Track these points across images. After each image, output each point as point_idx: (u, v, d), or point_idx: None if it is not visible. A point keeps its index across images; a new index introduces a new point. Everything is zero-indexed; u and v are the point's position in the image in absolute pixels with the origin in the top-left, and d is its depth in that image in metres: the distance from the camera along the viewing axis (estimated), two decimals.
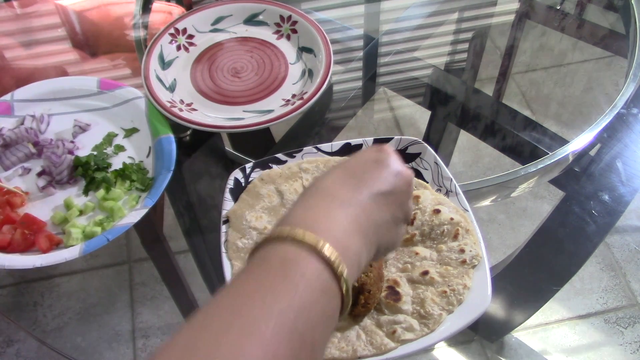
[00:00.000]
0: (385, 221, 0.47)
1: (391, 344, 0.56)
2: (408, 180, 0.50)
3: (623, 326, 1.27)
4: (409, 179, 0.51)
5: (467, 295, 0.59)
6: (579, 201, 0.85)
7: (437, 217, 0.64)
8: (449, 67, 1.25)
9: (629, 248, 1.40)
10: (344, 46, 1.08)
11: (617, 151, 0.89)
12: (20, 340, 1.32)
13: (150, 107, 0.84)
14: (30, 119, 0.84)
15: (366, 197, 0.46)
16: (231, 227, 0.66)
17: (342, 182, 0.48)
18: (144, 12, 1.05)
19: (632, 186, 0.85)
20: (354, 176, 0.48)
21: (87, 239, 0.71)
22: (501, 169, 0.84)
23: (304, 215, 0.44)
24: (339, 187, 0.47)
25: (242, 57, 0.93)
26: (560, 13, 1.25)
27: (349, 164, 0.50)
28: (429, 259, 0.62)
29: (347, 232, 0.43)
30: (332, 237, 0.41)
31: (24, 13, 1.16)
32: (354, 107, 1.05)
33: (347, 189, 0.47)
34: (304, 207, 0.45)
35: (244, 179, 0.70)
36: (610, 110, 0.87)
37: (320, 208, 0.45)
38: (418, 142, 0.71)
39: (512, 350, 1.07)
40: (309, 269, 0.39)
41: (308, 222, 0.42)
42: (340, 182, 0.48)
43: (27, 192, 0.78)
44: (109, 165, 0.80)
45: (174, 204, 0.93)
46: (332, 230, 0.42)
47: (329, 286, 0.39)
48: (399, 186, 0.49)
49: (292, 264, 0.39)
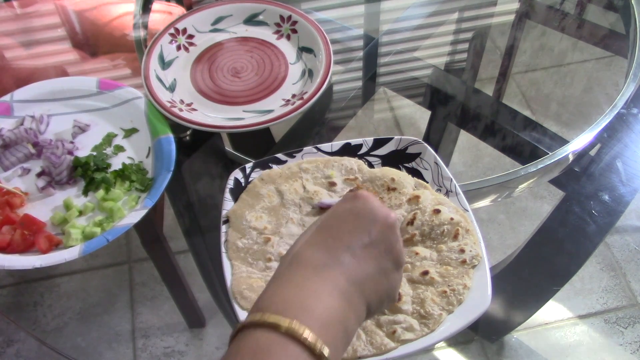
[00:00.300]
0: (371, 276, 0.44)
1: (391, 344, 0.56)
2: (390, 224, 0.47)
3: (623, 326, 1.27)
4: (391, 222, 0.47)
5: (467, 295, 0.59)
6: (579, 201, 0.85)
7: (437, 217, 0.64)
8: (449, 67, 1.25)
9: (629, 248, 1.40)
10: (344, 46, 1.08)
11: (617, 151, 0.89)
12: (20, 340, 1.32)
13: (149, 107, 0.84)
14: (29, 119, 0.84)
15: (344, 256, 0.44)
16: (231, 227, 0.66)
17: (317, 245, 0.45)
18: (144, 12, 1.05)
19: (632, 186, 0.85)
20: (330, 235, 0.45)
21: (87, 239, 0.71)
22: (501, 169, 0.84)
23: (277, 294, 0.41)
24: (314, 251, 0.44)
25: (242, 57, 0.93)
26: (560, 13, 1.25)
27: (324, 223, 0.47)
28: (429, 259, 0.62)
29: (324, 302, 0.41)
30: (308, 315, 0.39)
31: (24, 13, 1.16)
32: (354, 107, 1.05)
33: (323, 252, 0.44)
34: (278, 283, 0.43)
35: (244, 179, 0.70)
36: (610, 110, 0.87)
37: (294, 282, 0.42)
38: (418, 142, 0.71)
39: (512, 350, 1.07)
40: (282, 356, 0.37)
41: (281, 303, 0.40)
42: (315, 246, 0.45)
43: (26, 193, 0.78)
44: (109, 165, 0.80)
45: (174, 204, 0.93)
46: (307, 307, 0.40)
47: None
48: (380, 234, 0.46)
49: (265, 354, 0.37)
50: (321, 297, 0.41)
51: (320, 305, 0.40)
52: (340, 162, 0.71)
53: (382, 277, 0.46)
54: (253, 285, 0.61)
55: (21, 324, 1.32)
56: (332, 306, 0.41)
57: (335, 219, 0.47)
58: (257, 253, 0.64)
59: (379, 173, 0.69)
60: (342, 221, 0.46)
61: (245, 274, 0.62)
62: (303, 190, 0.68)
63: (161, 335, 1.25)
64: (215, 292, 0.93)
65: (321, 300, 0.41)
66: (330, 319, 0.40)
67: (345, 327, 0.42)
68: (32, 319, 1.31)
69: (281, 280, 0.43)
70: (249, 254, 0.64)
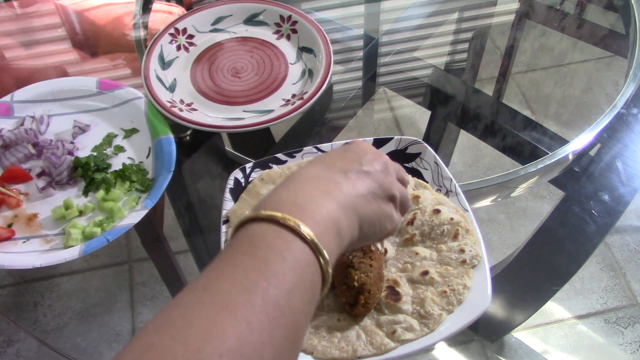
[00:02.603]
0: (362, 195, 0.47)
1: (391, 344, 0.56)
2: (381, 160, 0.51)
3: (623, 326, 1.27)
4: (385, 161, 0.51)
5: (467, 295, 0.59)
6: (579, 201, 0.85)
7: (437, 217, 0.64)
8: (449, 67, 1.25)
9: (629, 248, 1.40)
10: (344, 46, 1.08)
11: (617, 151, 0.89)
12: (20, 340, 1.32)
13: (149, 108, 0.84)
14: (30, 119, 0.84)
15: (338, 175, 0.47)
16: (231, 227, 0.66)
17: (312, 166, 0.48)
18: (144, 12, 1.05)
19: (632, 186, 0.85)
20: (324, 162, 0.49)
21: (87, 239, 0.71)
22: (501, 169, 0.84)
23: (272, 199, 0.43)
24: (309, 170, 0.47)
25: (242, 57, 0.93)
26: (560, 13, 1.25)
27: (319, 157, 0.51)
28: (429, 259, 0.62)
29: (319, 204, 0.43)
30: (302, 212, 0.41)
31: (24, 13, 1.16)
32: (354, 107, 1.05)
33: (316, 170, 0.47)
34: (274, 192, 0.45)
35: (244, 179, 0.70)
36: (610, 110, 0.87)
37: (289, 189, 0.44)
38: (418, 142, 0.71)
39: (512, 350, 1.07)
40: (277, 242, 0.38)
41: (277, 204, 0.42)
42: (309, 167, 0.48)
43: (26, 193, 0.78)
44: (109, 166, 0.80)
45: (174, 204, 0.93)
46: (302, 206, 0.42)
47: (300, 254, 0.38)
48: (372, 167, 0.49)
49: (258, 240, 0.38)
50: (317, 202, 0.43)
51: (315, 208, 0.42)
52: None
53: (373, 199, 0.48)
54: None
55: (21, 324, 1.32)
56: (327, 208, 0.43)
57: (331, 155, 0.51)
58: None
59: None
60: (337, 154, 0.50)
61: None
62: None
63: None
64: None
65: (316, 205, 0.42)
66: (325, 221, 0.42)
67: (339, 233, 0.43)
68: (32, 319, 1.31)
69: (277, 189, 0.45)
70: None
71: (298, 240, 0.39)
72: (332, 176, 0.47)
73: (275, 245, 0.38)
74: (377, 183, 0.49)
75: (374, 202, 0.48)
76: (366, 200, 0.47)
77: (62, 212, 0.74)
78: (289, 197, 0.43)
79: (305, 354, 0.56)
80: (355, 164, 0.49)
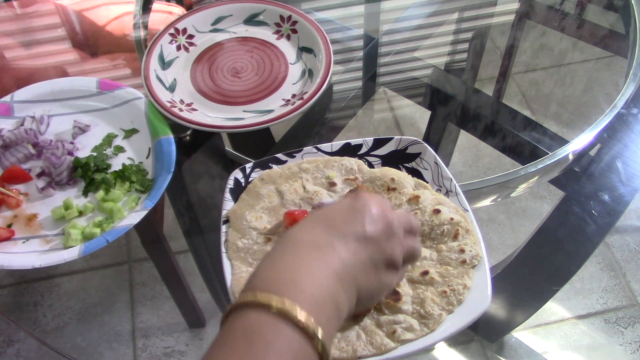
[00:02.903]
0: (362, 264, 0.45)
1: (391, 344, 0.56)
2: (385, 219, 0.47)
3: (623, 326, 1.27)
4: (390, 221, 0.48)
5: (467, 295, 0.59)
6: (579, 201, 0.85)
7: (437, 217, 0.64)
8: (449, 67, 1.25)
9: (629, 248, 1.40)
10: (344, 46, 1.08)
11: (617, 151, 0.89)
12: (20, 340, 1.32)
13: (150, 108, 0.84)
14: (30, 120, 0.84)
15: (339, 243, 0.44)
16: (231, 227, 0.66)
17: (313, 229, 0.45)
18: (144, 12, 1.05)
19: (632, 186, 0.85)
20: (325, 223, 0.46)
21: (87, 240, 0.71)
22: (501, 169, 0.84)
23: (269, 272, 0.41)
24: (308, 235, 0.45)
25: (242, 57, 0.93)
26: (560, 13, 1.25)
27: (321, 213, 0.48)
28: (429, 259, 0.62)
29: (317, 280, 0.41)
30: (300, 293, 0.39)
31: (24, 13, 1.16)
32: (354, 107, 1.05)
33: (316, 235, 0.45)
34: (270, 261, 0.43)
35: (244, 179, 0.70)
36: (610, 110, 0.87)
37: (287, 261, 0.42)
38: (418, 142, 0.71)
39: (512, 350, 1.07)
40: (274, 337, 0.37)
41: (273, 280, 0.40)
42: (310, 230, 0.46)
43: (26, 193, 0.78)
44: (109, 166, 0.80)
45: (174, 204, 0.93)
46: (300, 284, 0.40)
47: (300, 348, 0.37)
48: (375, 231, 0.46)
49: (256, 335, 0.37)
50: (314, 275, 0.41)
51: (313, 283, 0.40)
52: (340, 162, 0.71)
53: (373, 269, 0.46)
54: None
55: (21, 324, 1.32)
56: (325, 285, 0.41)
57: (334, 212, 0.48)
58: (257, 253, 0.64)
59: (379, 173, 0.69)
60: (340, 213, 0.47)
61: (246, 274, 0.62)
62: (303, 191, 0.68)
63: (161, 335, 1.26)
64: (215, 292, 0.93)
65: (314, 278, 0.41)
66: (323, 297, 0.40)
67: (337, 307, 0.42)
68: (32, 319, 1.31)
69: (274, 258, 0.43)
70: (249, 254, 0.64)
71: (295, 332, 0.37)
72: (332, 242, 0.44)
73: (272, 340, 0.37)
74: (378, 250, 0.46)
75: (373, 273, 0.46)
76: (365, 271, 0.45)
77: (62, 213, 0.74)
78: (287, 271, 0.41)
79: None
80: (358, 226, 0.46)
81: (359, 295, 0.45)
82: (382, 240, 0.47)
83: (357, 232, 0.46)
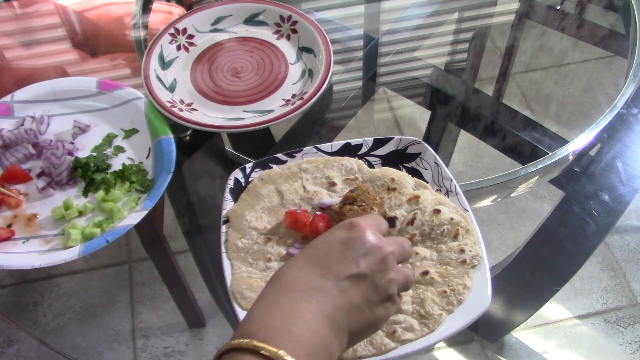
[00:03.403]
0: (355, 306, 0.45)
1: (391, 344, 0.56)
2: (379, 254, 0.47)
3: (623, 326, 1.27)
4: (385, 255, 0.47)
5: (467, 295, 0.59)
6: (579, 201, 0.85)
7: (437, 217, 0.64)
8: (449, 67, 1.25)
9: (629, 248, 1.40)
10: (344, 46, 1.08)
11: (617, 151, 0.89)
12: (20, 340, 1.32)
13: (150, 108, 0.84)
14: (30, 120, 0.84)
15: (331, 284, 0.44)
16: (231, 227, 0.66)
17: (305, 270, 0.45)
18: (144, 12, 1.05)
19: (632, 186, 0.85)
20: (318, 262, 0.46)
21: (87, 240, 0.71)
22: (501, 169, 0.84)
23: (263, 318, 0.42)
24: (301, 276, 0.45)
25: (242, 57, 0.93)
26: (560, 13, 1.25)
27: (314, 248, 0.47)
28: (429, 259, 0.62)
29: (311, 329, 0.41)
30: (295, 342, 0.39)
31: (24, 13, 1.16)
32: (354, 107, 1.05)
33: (310, 277, 0.45)
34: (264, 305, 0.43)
35: (244, 179, 0.70)
36: (610, 110, 0.87)
37: (281, 306, 0.43)
38: (418, 142, 0.71)
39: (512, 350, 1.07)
40: None
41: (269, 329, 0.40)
42: (302, 271, 0.45)
43: (26, 194, 0.78)
44: (109, 166, 0.80)
45: (174, 204, 0.93)
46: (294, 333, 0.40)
47: None
48: (369, 267, 0.46)
49: None
50: (308, 323, 0.42)
51: (307, 331, 0.41)
52: (340, 162, 0.71)
53: (367, 308, 0.46)
54: (253, 285, 0.61)
55: (21, 324, 1.32)
56: (319, 333, 0.42)
57: (327, 248, 0.47)
58: (257, 253, 0.64)
59: (379, 173, 0.69)
60: (333, 250, 0.47)
61: (245, 274, 0.62)
62: (303, 191, 0.68)
63: (161, 335, 1.25)
64: (215, 292, 0.93)
65: (308, 327, 0.41)
66: (316, 346, 0.41)
67: (329, 352, 0.42)
68: (32, 319, 1.31)
69: (268, 302, 0.44)
70: (249, 254, 0.64)
71: None
72: (325, 286, 0.44)
73: None
74: (372, 286, 0.46)
75: (368, 311, 0.46)
76: (359, 312, 0.45)
77: (62, 213, 0.74)
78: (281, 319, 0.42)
79: None
80: (351, 264, 0.46)
81: (351, 335, 0.45)
82: (376, 276, 0.47)
83: (350, 272, 0.46)
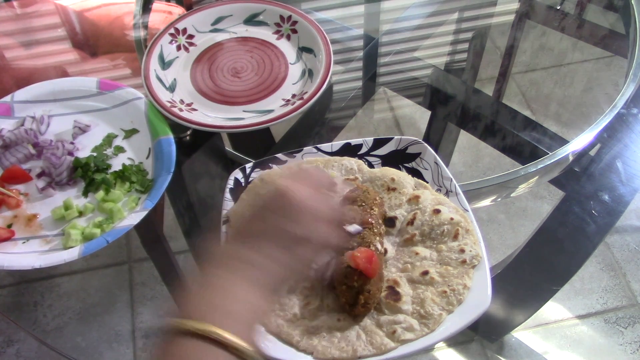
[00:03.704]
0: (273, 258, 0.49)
1: (391, 344, 0.56)
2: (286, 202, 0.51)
3: (623, 326, 1.27)
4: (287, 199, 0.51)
5: (467, 295, 0.59)
6: (579, 201, 0.85)
7: (437, 217, 0.64)
8: (449, 67, 1.25)
9: (629, 248, 1.40)
10: (344, 46, 1.08)
11: (617, 151, 0.89)
12: (20, 340, 1.32)
13: (150, 108, 0.84)
14: (30, 120, 0.84)
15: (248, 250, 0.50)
16: (231, 227, 0.66)
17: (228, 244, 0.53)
18: (144, 12, 1.05)
19: (632, 186, 0.85)
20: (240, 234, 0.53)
21: (87, 240, 0.71)
22: (501, 169, 0.84)
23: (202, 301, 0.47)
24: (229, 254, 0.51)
25: (242, 57, 0.93)
26: (560, 13, 1.25)
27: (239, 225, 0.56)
28: (429, 259, 0.62)
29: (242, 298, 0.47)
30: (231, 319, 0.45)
31: (24, 13, 1.16)
32: (354, 107, 1.05)
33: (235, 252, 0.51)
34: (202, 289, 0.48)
35: (244, 179, 0.70)
36: (610, 110, 0.87)
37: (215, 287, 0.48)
38: (418, 142, 0.71)
39: (512, 350, 1.07)
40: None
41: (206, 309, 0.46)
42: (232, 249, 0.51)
43: (26, 194, 0.78)
44: (109, 166, 0.80)
45: (174, 204, 0.93)
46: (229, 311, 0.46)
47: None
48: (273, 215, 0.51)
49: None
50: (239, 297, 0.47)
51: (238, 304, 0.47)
52: (340, 162, 0.71)
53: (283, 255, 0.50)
54: None
55: (21, 324, 1.32)
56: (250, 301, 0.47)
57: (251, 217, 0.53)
58: None
59: (379, 173, 0.69)
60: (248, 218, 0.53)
61: None
62: None
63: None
64: None
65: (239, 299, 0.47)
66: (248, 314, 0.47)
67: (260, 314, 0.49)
68: (32, 319, 1.31)
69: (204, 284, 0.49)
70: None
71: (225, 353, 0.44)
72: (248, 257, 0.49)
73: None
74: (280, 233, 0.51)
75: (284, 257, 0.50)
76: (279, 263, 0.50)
77: (62, 213, 0.74)
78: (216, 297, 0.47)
79: (306, 354, 0.56)
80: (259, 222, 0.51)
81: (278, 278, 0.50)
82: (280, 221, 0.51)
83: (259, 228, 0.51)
